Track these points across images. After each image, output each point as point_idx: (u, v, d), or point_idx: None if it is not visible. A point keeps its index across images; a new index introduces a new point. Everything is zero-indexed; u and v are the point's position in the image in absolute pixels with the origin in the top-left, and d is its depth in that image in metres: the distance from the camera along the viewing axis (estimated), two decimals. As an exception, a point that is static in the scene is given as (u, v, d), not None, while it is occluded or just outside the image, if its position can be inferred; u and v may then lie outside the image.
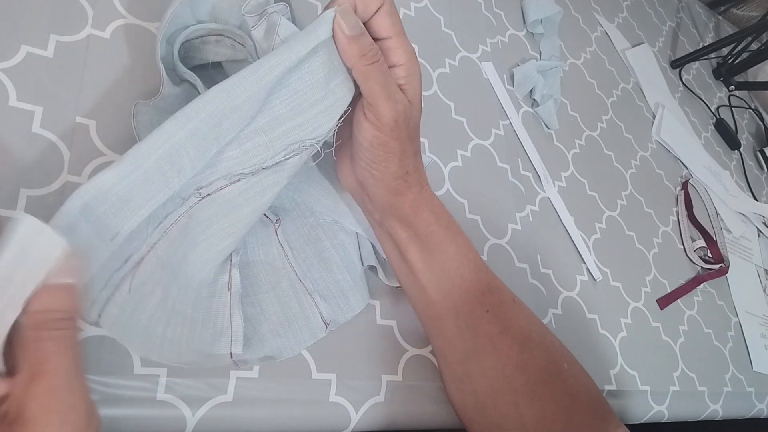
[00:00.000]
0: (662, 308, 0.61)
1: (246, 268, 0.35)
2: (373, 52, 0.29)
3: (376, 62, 0.29)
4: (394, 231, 0.35)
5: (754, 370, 0.67)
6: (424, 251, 0.34)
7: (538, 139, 0.60)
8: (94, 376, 0.28)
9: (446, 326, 0.35)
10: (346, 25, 0.28)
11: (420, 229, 0.34)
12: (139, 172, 0.25)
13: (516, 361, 0.34)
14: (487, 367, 0.34)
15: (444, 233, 0.35)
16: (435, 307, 0.35)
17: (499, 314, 0.35)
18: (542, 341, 0.36)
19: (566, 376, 0.35)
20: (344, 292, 0.37)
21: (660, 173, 0.75)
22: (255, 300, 0.34)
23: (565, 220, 0.57)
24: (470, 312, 0.35)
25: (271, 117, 0.29)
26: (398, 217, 0.34)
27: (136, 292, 0.27)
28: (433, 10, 0.58)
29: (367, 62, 0.29)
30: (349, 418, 0.35)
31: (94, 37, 0.35)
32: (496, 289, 0.36)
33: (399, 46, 0.31)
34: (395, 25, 0.30)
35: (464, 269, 0.35)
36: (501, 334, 0.35)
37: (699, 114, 0.91)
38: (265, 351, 0.33)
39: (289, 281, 0.36)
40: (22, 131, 0.31)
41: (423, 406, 0.38)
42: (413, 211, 0.34)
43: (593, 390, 0.37)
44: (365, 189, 0.34)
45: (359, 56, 0.29)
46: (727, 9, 1.20)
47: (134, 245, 0.27)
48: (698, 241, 0.72)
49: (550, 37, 0.69)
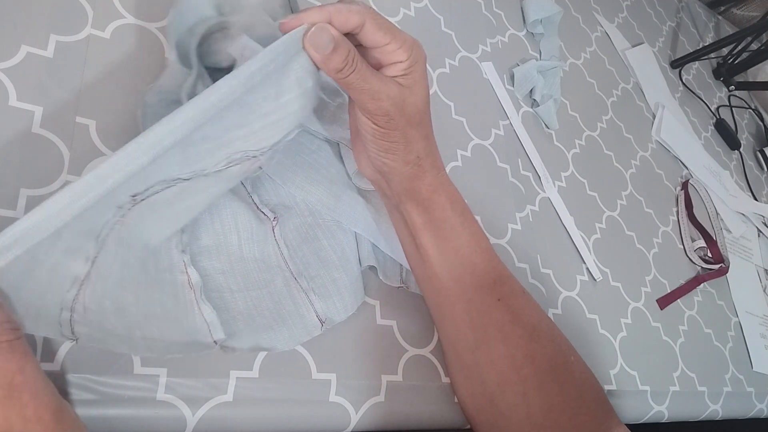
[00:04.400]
0: (662, 308, 0.61)
1: (239, 264, 0.35)
2: (348, 65, 0.29)
3: (353, 72, 0.29)
4: (410, 216, 0.35)
5: (754, 370, 0.67)
6: (438, 236, 0.35)
7: (538, 139, 0.60)
8: (94, 376, 0.28)
9: (457, 313, 0.36)
10: (318, 45, 0.28)
11: (435, 213, 0.35)
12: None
13: (525, 350, 0.34)
14: (496, 355, 0.35)
15: (459, 219, 0.35)
16: (447, 292, 0.36)
17: (511, 303, 0.36)
18: (551, 333, 0.37)
19: (573, 369, 0.36)
20: (340, 291, 0.37)
21: (660, 173, 0.75)
22: (248, 296, 0.34)
23: (565, 220, 0.57)
24: (482, 299, 0.35)
25: (219, 126, 0.28)
26: (415, 201, 0.35)
27: (90, 309, 0.26)
28: (433, 10, 0.58)
29: (343, 76, 0.29)
30: (349, 418, 0.35)
31: (94, 37, 0.35)
32: (507, 279, 0.37)
33: (396, 48, 0.31)
34: (386, 34, 0.30)
35: (477, 256, 0.36)
36: (512, 323, 0.35)
37: (699, 114, 0.91)
38: (258, 341, 0.33)
39: (284, 279, 0.36)
40: (22, 131, 0.31)
41: (423, 406, 0.38)
42: (429, 194, 0.34)
43: (597, 386, 0.37)
44: (384, 176, 0.35)
45: (335, 72, 0.29)
46: (727, 9, 1.20)
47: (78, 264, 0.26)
48: (698, 241, 0.72)
49: (550, 37, 0.69)
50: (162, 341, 0.30)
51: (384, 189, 0.37)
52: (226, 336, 0.32)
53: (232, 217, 0.35)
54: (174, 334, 0.30)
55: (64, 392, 0.27)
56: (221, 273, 0.34)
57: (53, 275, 0.25)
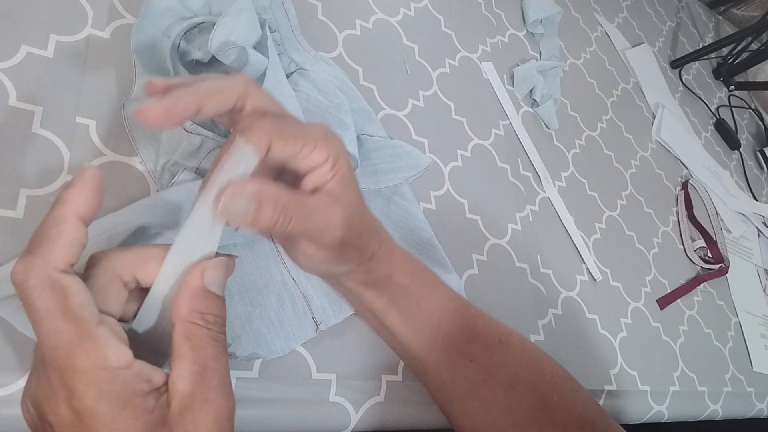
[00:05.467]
0: (662, 308, 0.61)
1: (238, 267, 0.35)
2: (281, 217, 0.24)
3: (290, 221, 0.24)
4: (371, 302, 0.34)
5: (754, 370, 0.67)
6: (403, 314, 0.34)
7: (538, 139, 0.60)
8: (94, 376, 0.28)
9: (430, 378, 0.36)
10: (237, 214, 0.23)
11: (397, 293, 0.34)
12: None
13: (501, 404, 0.34)
14: (471, 411, 0.35)
15: (422, 291, 0.35)
16: (419, 362, 0.36)
17: (484, 361, 0.35)
18: (531, 380, 0.36)
19: (555, 410, 0.35)
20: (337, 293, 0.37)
21: (660, 173, 0.75)
22: (246, 298, 0.34)
23: (565, 220, 0.57)
24: (453, 365, 0.35)
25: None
26: (374, 289, 0.33)
27: None
28: (433, 10, 0.58)
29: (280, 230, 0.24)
30: (349, 418, 0.35)
31: (94, 37, 0.35)
32: (480, 335, 0.36)
33: (311, 150, 0.26)
34: (296, 140, 0.25)
35: (446, 322, 0.35)
36: (485, 382, 0.35)
37: (699, 114, 0.91)
38: (255, 348, 0.33)
39: (282, 280, 0.36)
40: (22, 131, 0.31)
41: (423, 406, 0.38)
42: (387, 278, 0.33)
43: (585, 415, 0.36)
44: (336, 278, 0.33)
45: (269, 230, 0.24)
46: (727, 9, 1.20)
47: None
48: (698, 241, 0.72)
49: (550, 37, 0.69)
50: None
51: (336, 286, 0.36)
52: (229, 342, 0.32)
53: None
54: None
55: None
56: None
57: None
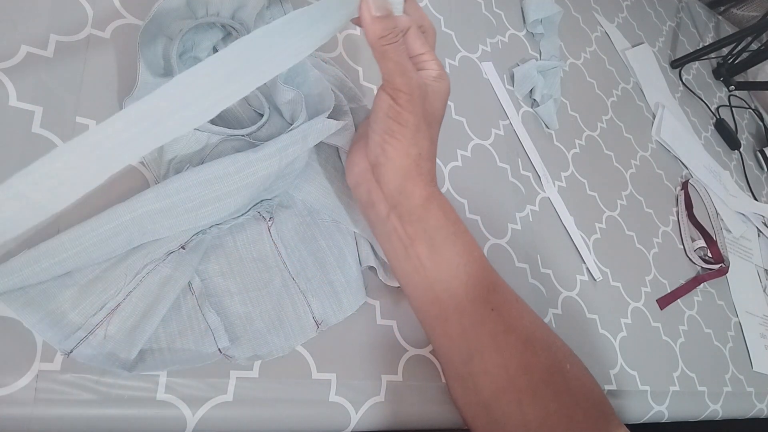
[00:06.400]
0: (662, 308, 0.61)
1: (238, 265, 0.35)
2: (393, 35, 0.31)
3: (394, 43, 0.31)
4: (401, 227, 0.34)
5: (754, 370, 0.67)
6: (432, 247, 0.34)
7: (538, 139, 0.60)
8: (94, 376, 0.28)
9: (450, 325, 0.35)
10: (373, 5, 0.30)
11: (429, 224, 0.34)
12: (107, 227, 0.28)
13: (519, 360, 0.34)
14: (490, 365, 0.34)
15: (452, 229, 0.35)
16: (440, 305, 0.35)
17: (504, 313, 0.35)
18: (546, 341, 0.36)
19: (569, 377, 0.35)
20: (337, 293, 0.37)
21: (660, 173, 0.75)
22: (247, 298, 0.34)
23: (565, 220, 0.57)
24: (475, 310, 0.34)
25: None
26: (407, 211, 0.34)
27: (111, 339, 0.28)
28: (433, 10, 0.58)
29: (385, 42, 0.31)
30: (349, 418, 0.35)
31: (94, 37, 0.35)
32: (501, 288, 0.36)
33: (431, 59, 0.34)
34: (424, 44, 0.34)
35: (471, 267, 0.35)
36: (505, 333, 0.35)
37: (699, 114, 0.91)
38: (255, 350, 0.33)
39: (282, 279, 0.36)
40: (22, 131, 0.31)
41: (423, 406, 0.38)
42: (423, 204, 0.34)
43: (595, 390, 0.37)
44: (376, 171, 0.34)
45: (378, 37, 0.31)
46: (727, 9, 1.20)
47: (110, 293, 0.29)
48: (698, 241, 0.72)
49: (550, 37, 0.69)
50: (162, 355, 0.30)
51: (372, 194, 0.35)
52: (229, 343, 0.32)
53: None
54: (176, 347, 0.31)
55: (63, 392, 0.27)
56: (220, 275, 0.34)
57: (83, 293, 0.28)
